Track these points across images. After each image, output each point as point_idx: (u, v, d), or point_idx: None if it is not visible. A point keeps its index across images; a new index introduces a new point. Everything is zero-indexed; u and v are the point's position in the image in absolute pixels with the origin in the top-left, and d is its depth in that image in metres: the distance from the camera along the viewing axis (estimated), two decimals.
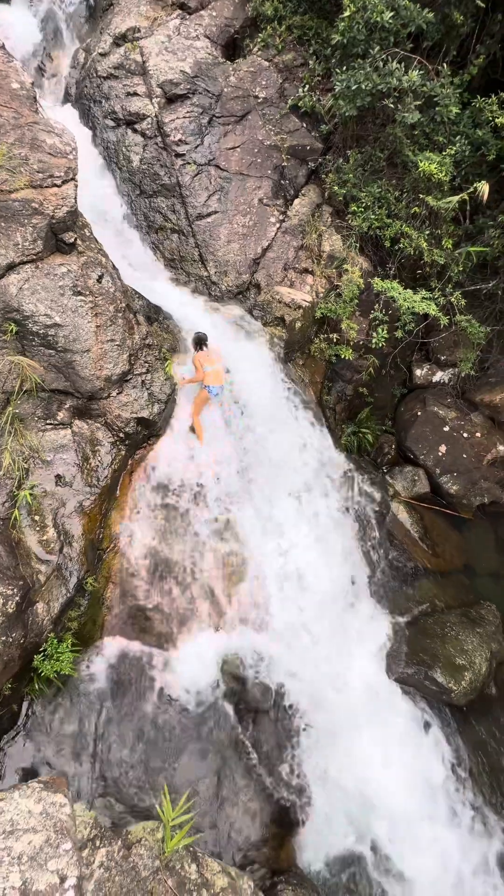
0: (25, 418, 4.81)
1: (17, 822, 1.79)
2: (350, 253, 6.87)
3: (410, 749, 5.11)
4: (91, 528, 4.76)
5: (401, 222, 6.65)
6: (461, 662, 5.70)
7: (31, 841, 1.75)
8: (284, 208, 7.27)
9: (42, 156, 4.71)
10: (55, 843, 1.75)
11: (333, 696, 5.09)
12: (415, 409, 8.05)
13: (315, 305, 6.76)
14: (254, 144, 7.36)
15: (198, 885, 3.07)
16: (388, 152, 6.74)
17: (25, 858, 1.69)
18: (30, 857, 1.70)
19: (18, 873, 1.64)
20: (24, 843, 1.72)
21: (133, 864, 2.95)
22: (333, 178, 7.06)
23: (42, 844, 1.74)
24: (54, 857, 1.72)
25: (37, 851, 1.72)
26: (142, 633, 4.73)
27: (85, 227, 5.45)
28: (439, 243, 6.66)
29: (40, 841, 1.75)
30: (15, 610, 3.83)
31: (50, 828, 1.78)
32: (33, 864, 1.68)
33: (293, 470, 6.16)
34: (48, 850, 1.74)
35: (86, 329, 4.89)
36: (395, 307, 7.09)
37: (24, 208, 4.48)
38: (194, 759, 4.24)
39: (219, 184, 7.15)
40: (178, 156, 7.12)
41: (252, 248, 6.99)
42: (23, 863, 1.68)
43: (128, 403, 5.21)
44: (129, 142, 7.24)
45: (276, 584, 5.32)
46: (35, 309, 4.63)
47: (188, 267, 6.95)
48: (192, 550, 5.10)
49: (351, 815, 4.50)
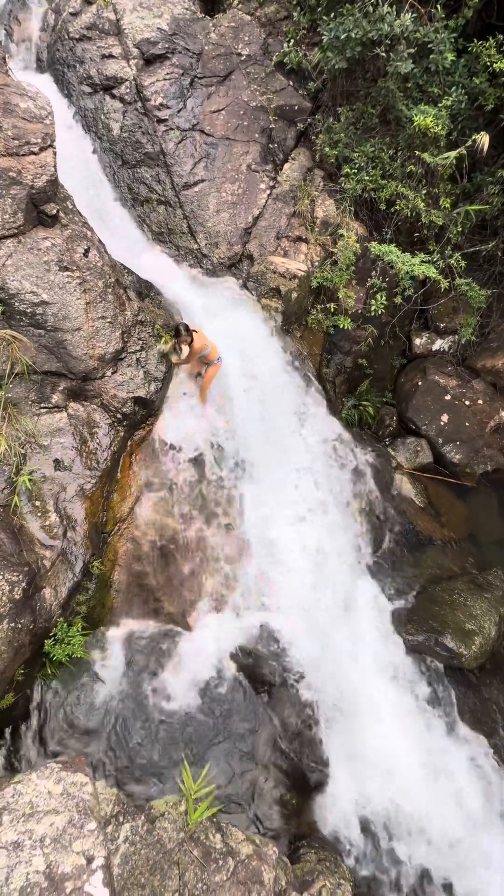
0: (19, 402, 4.65)
1: (37, 804, 1.73)
2: (344, 218, 6.61)
3: (422, 713, 5.16)
4: (94, 512, 4.67)
5: (396, 183, 6.39)
6: (471, 627, 5.73)
7: (53, 822, 1.69)
8: (274, 174, 6.97)
9: (16, 121, 4.43)
10: (79, 824, 1.70)
11: (345, 666, 5.11)
12: (415, 379, 7.92)
13: (311, 275, 6.54)
14: (239, 106, 7.00)
15: (223, 854, 3.09)
16: (380, 108, 6.42)
17: (48, 841, 1.64)
18: (53, 839, 1.65)
19: (42, 856, 1.59)
20: (45, 826, 1.67)
21: (158, 837, 2.95)
22: (324, 139, 6.75)
23: (65, 826, 1.69)
24: (79, 838, 1.68)
25: (60, 833, 1.67)
26: (152, 614, 4.69)
27: (67, 200, 5.18)
28: (437, 203, 6.42)
29: (63, 822, 1.70)
30: (22, 596, 3.76)
31: (72, 808, 1.73)
32: (57, 846, 1.63)
33: (296, 445, 6.06)
34: (72, 830, 1.69)
35: (75, 306, 4.69)
36: (392, 273, 6.88)
37: (1, 178, 4.23)
38: (211, 734, 4.26)
39: (204, 150, 6.82)
40: (161, 121, 6.77)
41: (243, 216, 6.72)
42: (46, 845, 1.63)
43: (123, 383, 5.05)
44: (107, 109, 6.87)
45: (283, 558, 5.27)
46: (20, 286, 4.42)
47: (177, 240, 6.69)
48: (198, 529, 5.02)
49: (369, 780, 4.56)
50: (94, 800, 1.80)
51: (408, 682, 5.26)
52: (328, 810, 4.32)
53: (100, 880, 1.57)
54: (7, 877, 1.53)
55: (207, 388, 5.56)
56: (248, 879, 3.04)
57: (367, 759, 4.66)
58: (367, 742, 4.68)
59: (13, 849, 1.61)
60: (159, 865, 2.86)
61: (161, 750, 4.09)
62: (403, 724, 4.92)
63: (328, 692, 4.78)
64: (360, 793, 4.47)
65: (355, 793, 4.43)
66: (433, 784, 4.59)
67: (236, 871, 3.04)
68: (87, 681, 4.22)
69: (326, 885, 3.36)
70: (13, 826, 1.67)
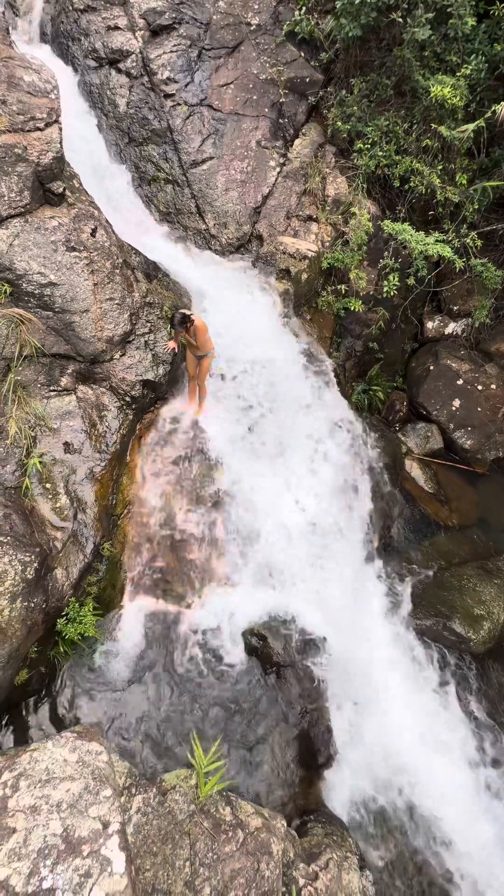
0: (28, 385, 4.65)
1: (53, 770, 1.78)
2: (357, 196, 6.43)
3: (430, 694, 5.20)
4: (104, 495, 4.69)
5: (411, 158, 6.18)
6: (479, 612, 5.73)
7: (70, 789, 1.74)
8: (284, 150, 6.77)
9: (21, 95, 4.32)
10: (95, 791, 1.74)
11: (353, 648, 5.14)
12: (427, 364, 7.77)
13: (321, 255, 6.40)
14: (248, 79, 6.78)
15: (233, 826, 3.16)
16: (395, 79, 6.17)
17: (65, 806, 1.68)
18: (69, 804, 1.69)
19: (59, 820, 1.64)
20: (62, 792, 1.72)
21: (169, 808, 3.03)
22: (336, 113, 6.53)
23: (81, 792, 1.74)
24: (95, 804, 1.72)
25: (76, 799, 1.71)
26: (162, 595, 4.75)
27: (73, 178, 5.10)
28: (453, 180, 6.20)
29: (79, 788, 1.74)
30: (34, 576, 3.81)
31: (88, 775, 1.77)
32: (73, 811, 1.68)
33: (306, 430, 6.01)
34: (88, 797, 1.74)
35: (83, 287, 4.64)
36: (405, 254, 6.71)
37: (6, 154, 4.15)
38: (221, 711, 4.34)
39: (213, 126, 6.64)
40: (168, 96, 6.59)
41: (252, 195, 6.57)
42: (62, 810, 1.67)
43: (132, 366, 5.02)
44: (113, 83, 6.69)
45: (292, 540, 5.28)
46: (28, 267, 4.38)
47: (185, 220, 6.56)
48: (206, 511, 5.04)
49: (375, 758, 4.62)
50: (109, 768, 1.84)
51: (416, 664, 5.29)
52: (335, 787, 4.40)
53: (116, 844, 1.61)
54: (25, 838, 1.58)
55: (204, 383, 5.28)
56: (257, 850, 3.12)
57: (374, 738, 4.72)
58: (374, 721, 4.74)
59: (30, 812, 1.66)
60: (171, 835, 2.94)
61: (171, 726, 4.18)
62: (411, 705, 4.97)
63: (336, 672, 4.82)
64: (367, 770, 4.54)
65: (362, 770, 4.50)
66: (440, 762, 4.64)
67: (245, 842, 3.11)
68: (98, 659, 4.31)
69: (334, 858, 3.44)
70: (30, 791, 1.71)
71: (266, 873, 3.04)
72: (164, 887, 2.76)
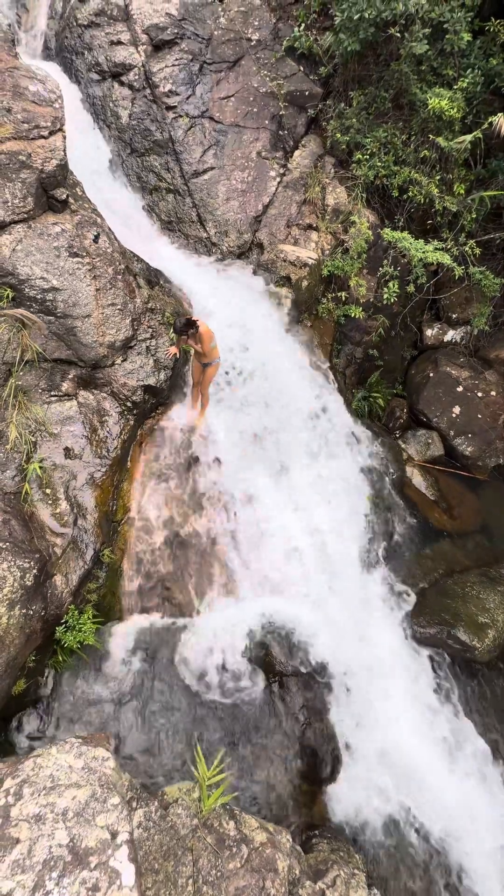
0: (29, 390, 4.63)
1: (58, 777, 1.70)
2: (356, 205, 6.51)
3: (434, 706, 5.10)
4: (104, 501, 4.64)
5: (409, 168, 6.28)
6: (484, 620, 5.65)
7: (76, 796, 1.66)
8: (284, 161, 6.88)
9: (26, 104, 4.38)
10: (102, 798, 1.66)
11: (356, 658, 5.05)
12: (426, 371, 7.81)
13: (321, 263, 6.46)
14: (249, 92, 6.91)
15: (237, 841, 3.06)
16: (393, 92, 6.30)
17: (71, 814, 1.61)
18: (76, 812, 1.61)
19: (65, 830, 1.56)
20: (67, 799, 1.64)
21: (171, 823, 2.93)
22: (335, 125, 6.65)
23: (87, 800, 1.66)
24: (102, 812, 1.64)
25: (83, 807, 1.63)
26: (162, 603, 4.67)
27: (76, 186, 5.14)
28: (451, 190, 6.30)
29: (85, 796, 1.66)
30: (33, 583, 3.74)
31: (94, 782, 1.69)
32: (80, 819, 1.60)
33: (306, 435, 5.99)
34: (95, 804, 1.66)
35: (85, 293, 4.65)
36: (404, 262, 6.78)
37: (11, 161, 4.18)
38: (223, 723, 4.23)
39: (214, 137, 6.74)
40: (169, 108, 6.70)
41: (252, 205, 6.64)
42: (68, 819, 1.59)
43: (133, 371, 5.01)
44: (115, 96, 6.80)
45: (293, 548, 5.22)
46: (31, 272, 4.39)
47: (186, 229, 6.62)
48: (207, 518, 4.99)
49: (380, 771, 4.51)
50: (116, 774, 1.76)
51: (420, 674, 5.20)
52: (339, 801, 4.28)
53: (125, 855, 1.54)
54: (30, 849, 1.50)
55: (207, 391, 5.25)
56: (262, 867, 3.01)
57: (379, 751, 4.61)
58: (379, 733, 4.63)
59: (35, 822, 1.58)
60: (173, 851, 2.83)
61: (172, 737, 4.07)
62: (416, 715, 4.87)
63: (339, 682, 4.73)
64: (372, 784, 4.43)
65: (367, 784, 4.38)
66: (446, 775, 4.53)
67: (250, 858, 3.01)
68: (98, 667, 4.21)
69: (341, 875, 3.32)
70: (34, 799, 1.63)
71: (272, 891, 2.93)
72: None
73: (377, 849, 4.08)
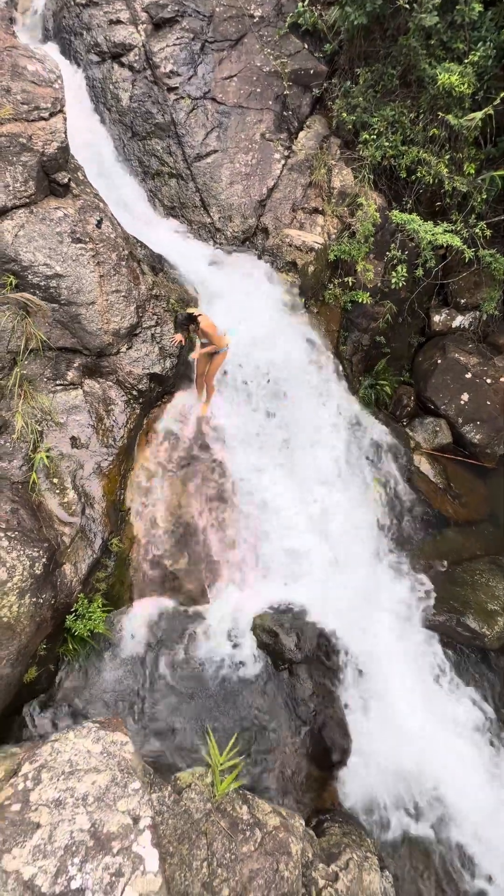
0: (34, 379, 4.58)
1: (77, 762, 1.68)
2: (363, 187, 6.36)
3: (444, 693, 5.10)
4: (111, 490, 4.61)
5: (417, 148, 6.11)
6: (493, 608, 5.63)
7: (95, 781, 1.65)
8: (289, 142, 6.71)
9: (25, 84, 4.27)
10: (122, 783, 1.65)
11: (365, 645, 5.05)
12: (434, 358, 7.69)
13: (327, 247, 6.33)
14: (252, 72, 6.72)
15: (250, 825, 3.07)
16: (401, 68, 6.11)
17: (91, 799, 1.60)
18: (96, 797, 1.60)
19: (86, 815, 1.55)
20: (87, 784, 1.63)
21: (185, 807, 2.94)
22: (341, 104, 6.47)
23: (108, 784, 1.65)
24: (123, 797, 1.63)
25: (103, 792, 1.62)
26: (171, 591, 4.66)
27: (78, 170, 5.04)
28: (460, 169, 6.13)
29: (105, 781, 1.65)
30: (43, 571, 3.73)
31: (114, 767, 1.68)
32: (101, 804, 1.59)
33: (314, 425, 5.93)
34: (115, 789, 1.65)
35: (89, 279, 4.57)
36: (412, 246, 6.64)
37: (11, 144, 4.09)
38: (233, 709, 4.25)
39: (217, 119, 6.58)
40: (171, 90, 6.53)
41: (257, 188, 6.50)
42: (89, 804, 1.58)
43: (139, 359, 4.95)
44: (116, 78, 6.64)
45: (302, 536, 5.20)
46: (33, 258, 4.31)
47: (189, 214, 6.50)
48: (215, 506, 4.96)
49: (390, 756, 4.52)
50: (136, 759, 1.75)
51: (429, 660, 5.19)
52: (350, 785, 4.30)
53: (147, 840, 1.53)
54: (51, 834, 1.48)
55: (213, 381, 5.18)
56: (276, 850, 3.03)
57: (388, 736, 4.62)
58: (388, 719, 4.64)
59: (55, 806, 1.57)
60: (187, 835, 2.85)
61: (183, 723, 4.09)
62: (425, 703, 4.87)
63: (349, 669, 4.73)
64: (383, 768, 4.44)
65: (377, 768, 4.40)
66: (457, 762, 4.54)
67: (264, 841, 3.02)
68: (108, 655, 4.22)
69: (354, 858, 3.34)
70: (53, 784, 1.62)
71: (285, 874, 2.95)
72: (181, 889, 2.67)
73: (389, 832, 4.11)
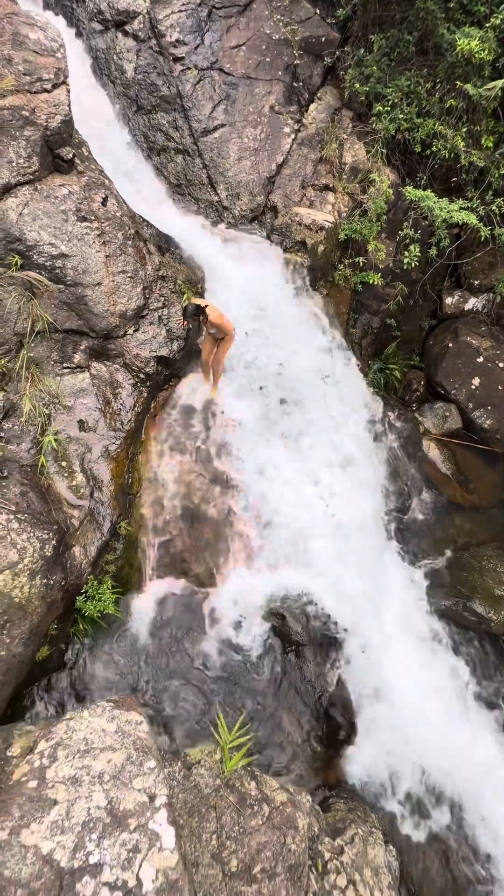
0: (41, 362, 4.54)
1: (92, 740, 1.72)
2: (375, 163, 6.14)
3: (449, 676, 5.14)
4: (119, 473, 4.61)
5: (433, 120, 5.86)
6: (501, 593, 5.62)
7: (111, 759, 1.68)
8: (299, 115, 6.47)
9: (27, 54, 4.11)
10: (138, 762, 1.69)
11: (372, 628, 5.08)
12: (445, 341, 7.53)
13: (338, 226, 6.15)
14: (261, 40, 6.45)
15: (258, 800, 3.14)
16: (417, 34, 5.82)
17: (107, 777, 1.63)
18: (112, 775, 1.64)
19: (102, 792, 1.58)
20: (103, 762, 1.66)
21: (195, 782, 3.01)
22: (354, 74, 6.20)
23: (123, 763, 1.68)
24: (139, 776, 1.67)
25: (119, 770, 1.66)
26: (179, 574, 4.70)
27: (82, 146, 4.89)
28: (478, 143, 5.89)
29: (121, 759, 1.69)
30: (53, 553, 3.76)
31: (129, 746, 1.72)
32: (116, 782, 1.62)
33: (322, 408, 5.86)
34: (131, 768, 1.68)
35: (94, 259, 4.48)
36: (425, 225, 6.44)
37: (13, 117, 3.96)
38: (242, 689, 4.31)
39: (224, 91, 6.35)
40: (177, 60, 6.29)
41: (265, 164, 6.30)
42: (105, 782, 1.62)
43: (146, 342, 4.88)
44: (120, 48, 6.39)
45: (310, 521, 5.19)
46: (38, 238, 4.23)
47: (196, 192, 6.33)
48: (224, 490, 4.95)
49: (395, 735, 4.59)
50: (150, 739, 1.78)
51: (435, 645, 5.22)
52: (356, 763, 4.38)
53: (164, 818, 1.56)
54: (68, 811, 1.52)
55: (221, 365, 5.11)
56: (283, 825, 3.10)
57: (393, 717, 4.68)
58: (394, 700, 4.70)
59: (71, 784, 1.60)
60: (197, 809, 2.92)
61: (191, 702, 4.17)
62: (430, 685, 4.91)
63: (355, 652, 4.77)
64: (387, 748, 4.52)
65: (382, 747, 4.47)
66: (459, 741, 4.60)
67: (271, 816, 3.09)
68: (118, 636, 4.28)
69: (359, 833, 3.42)
70: (69, 762, 1.66)
71: (292, 847, 3.02)
72: (191, 859, 2.75)
73: (394, 809, 4.20)
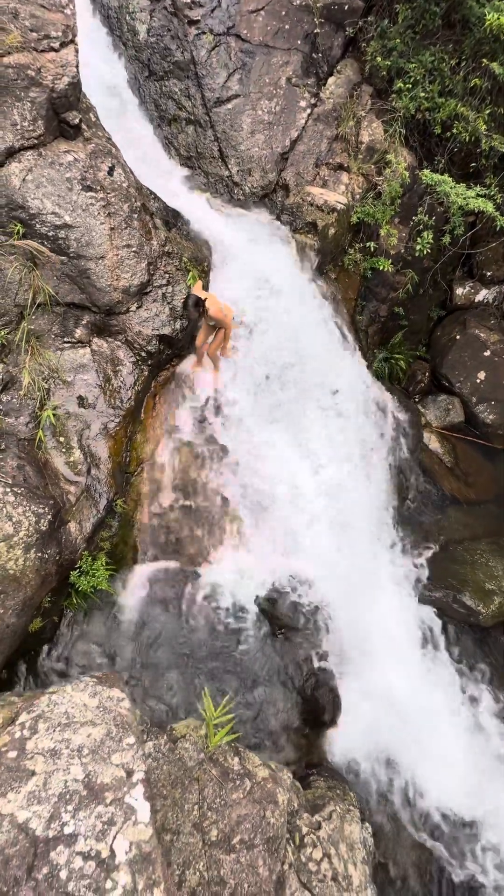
0: (41, 335, 4.48)
1: (73, 714, 1.76)
2: (392, 143, 5.93)
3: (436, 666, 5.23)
4: (117, 451, 4.60)
5: (456, 101, 5.64)
6: (491, 587, 5.68)
7: (91, 734, 1.72)
8: (316, 89, 6.23)
9: (34, 8, 3.93)
10: (117, 738, 1.73)
11: (361, 616, 5.14)
12: (453, 333, 7.43)
13: (351, 208, 5.98)
14: (280, 5, 6.15)
15: (240, 775, 3.23)
16: (445, 6, 5.54)
17: (86, 751, 1.67)
18: (91, 750, 1.68)
19: (80, 766, 1.62)
20: (82, 737, 1.70)
21: (179, 755, 3.08)
22: (376, 47, 5.93)
23: (103, 738, 1.72)
24: (118, 751, 1.70)
25: (98, 745, 1.69)
26: (173, 554, 4.74)
27: (90, 111, 4.72)
28: (501, 127, 5.67)
29: (100, 734, 1.72)
30: (48, 528, 3.78)
31: (109, 721, 1.75)
32: (95, 757, 1.66)
33: (323, 393, 5.81)
34: (110, 743, 1.72)
35: (99, 231, 4.37)
36: (441, 211, 6.26)
37: (19, 77, 3.81)
38: (230, 669, 4.40)
39: (240, 59, 6.09)
40: (192, 23, 6.02)
41: (279, 139, 6.09)
42: (83, 755, 1.66)
43: (148, 319, 4.80)
44: (133, 7, 6.11)
45: (305, 506, 5.20)
46: (42, 206, 4.11)
47: (206, 165, 6.14)
48: (220, 472, 4.95)
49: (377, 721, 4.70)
50: (131, 715, 1.82)
51: (424, 633, 5.30)
52: (338, 744, 4.50)
53: (140, 793, 1.60)
54: (45, 782, 1.56)
55: (226, 351, 5.07)
56: (263, 799, 3.20)
57: (377, 702, 4.78)
58: (378, 686, 4.79)
59: (50, 756, 1.64)
60: (180, 780, 3.00)
61: (180, 679, 4.25)
62: (416, 673, 5.00)
63: (344, 637, 4.85)
64: (370, 730, 4.62)
65: (365, 730, 4.58)
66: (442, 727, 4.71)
67: (252, 790, 3.18)
68: (110, 611, 4.35)
69: (336, 810, 3.53)
70: (49, 734, 1.70)
71: (272, 820, 3.12)
72: (173, 827, 2.84)
73: (370, 788, 4.32)
